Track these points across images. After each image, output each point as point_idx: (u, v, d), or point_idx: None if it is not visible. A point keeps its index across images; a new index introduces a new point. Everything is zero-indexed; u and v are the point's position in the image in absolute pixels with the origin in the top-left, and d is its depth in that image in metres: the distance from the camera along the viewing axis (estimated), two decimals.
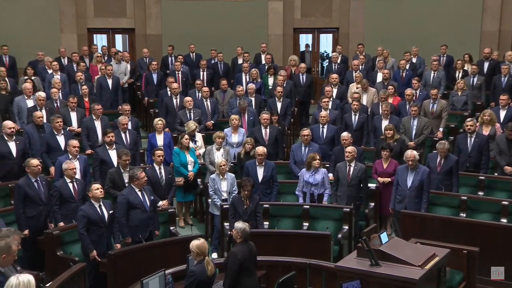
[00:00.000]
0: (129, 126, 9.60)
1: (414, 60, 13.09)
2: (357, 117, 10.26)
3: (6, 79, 11.23)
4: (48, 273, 6.78)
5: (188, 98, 10.61)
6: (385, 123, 9.86)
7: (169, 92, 11.25)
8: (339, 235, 7.65)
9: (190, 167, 8.95)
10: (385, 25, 14.86)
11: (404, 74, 12.24)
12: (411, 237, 6.76)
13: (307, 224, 7.92)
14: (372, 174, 8.68)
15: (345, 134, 8.91)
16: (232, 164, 9.09)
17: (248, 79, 12.33)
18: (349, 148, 8.36)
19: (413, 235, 6.94)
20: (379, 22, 14.94)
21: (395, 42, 14.00)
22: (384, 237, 5.93)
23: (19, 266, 5.41)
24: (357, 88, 11.56)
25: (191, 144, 9.23)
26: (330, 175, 8.61)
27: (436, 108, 10.57)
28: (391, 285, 5.44)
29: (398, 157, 8.74)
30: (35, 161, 7.49)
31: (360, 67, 12.53)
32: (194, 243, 5.50)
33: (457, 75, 12.45)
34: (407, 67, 12.45)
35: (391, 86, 11.20)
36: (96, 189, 6.94)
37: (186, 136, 9.03)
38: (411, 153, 7.99)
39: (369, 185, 8.55)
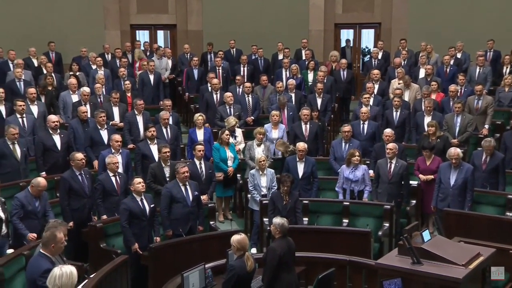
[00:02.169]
0: (170, 121, 9.70)
1: (459, 55, 12.78)
2: (398, 113, 10.10)
3: (53, 74, 11.53)
4: (91, 264, 6.94)
5: (228, 94, 10.65)
6: (427, 119, 9.66)
7: (209, 88, 11.32)
8: (380, 233, 7.57)
9: (230, 163, 8.97)
10: (429, 20, 14.52)
11: (448, 70, 11.97)
12: (454, 236, 6.63)
13: (347, 221, 7.85)
14: (414, 171, 8.54)
15: (388, 131, 8.77)
16: (272, 160, 9.09)
17: (288, 75, 12.29)
18: (390, 145, 8.24)
19: (457, 234, 6.80)
20: (422, 17, 14.62)
21: (439, 37, 13.68)
22: (426, 235, 5.82)
23: (65, 257, 5.56)
24: (399, 84, 11.37)
25: (231, 140, 9.26)
26: (371, 171, 8.51)
27: (481, 105, 10.30)
28: (434, 284, 5.35)
29: (441, 154, 8.57)
30: (79, 155, 7.67)
31: (403, 62, 12.32)
32: (235, 238, 5.51)
33: (504, 70, 12.09)
34: (451, 62, 12.16)
35: (434, 82, 10.97)
36: (138, 183, 7.05)
37: (227, 132, 9.06)
38: (455, 151, 7.81)
39: (411, 182, 8.42)
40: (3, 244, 6.65)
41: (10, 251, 6.45)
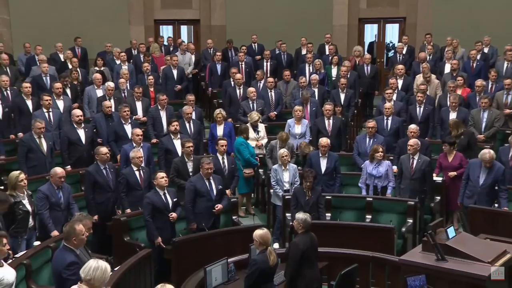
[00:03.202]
0: (193, 116, 9.73)
1: (486, 50, 12.56)
2: (422, 109, 9.97)
3: (78, 69, 11.67)
4: (115, 257, 7.01)
5: (251, 89, 10.66)
6: (453, 115, 9.53)
7: (232, 83, 11.34)
8: (403, 229, 7.50)
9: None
10: (455, 14, 14.29)
11: (474, 65, 11.77)
12: (479, 233, 6.53)
13: (370, 216, 7.81)
14: (436, 168, 8.44)
15: (413, 127, 8.67)
16: (294, 156, 9.05)
17: (311, 70, 12.24)
18: (412, 141, 8.15)
19: (482, 230, 6.70)
20: (448, 11, 14.38)
21: (465, 31, 13.44)
22: (451, 231, 5.76)
23: (89, 249, 5.63)
24: (423, 79, 11.24)
25: (254, 135, 9.28)
26: (394, 167, 8.44)
27: (511, 100, 10.10)
28: (459, 281, 5.29)
29: (465, 150, 8.44)
30: (104, 149, 7.76)
31: (428, 57, 12.15)
32: (258, 233, 5.51)
33: None
34: (478, 57, 11.96)
35: (461, 77, 10.80)
36: (161, 177, 7.10)
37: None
38: (490, 155, 7.54)
39: (435, 178, 8.31)
40: (31, 236, 6.77)
41: (37, 243, 6.56)
